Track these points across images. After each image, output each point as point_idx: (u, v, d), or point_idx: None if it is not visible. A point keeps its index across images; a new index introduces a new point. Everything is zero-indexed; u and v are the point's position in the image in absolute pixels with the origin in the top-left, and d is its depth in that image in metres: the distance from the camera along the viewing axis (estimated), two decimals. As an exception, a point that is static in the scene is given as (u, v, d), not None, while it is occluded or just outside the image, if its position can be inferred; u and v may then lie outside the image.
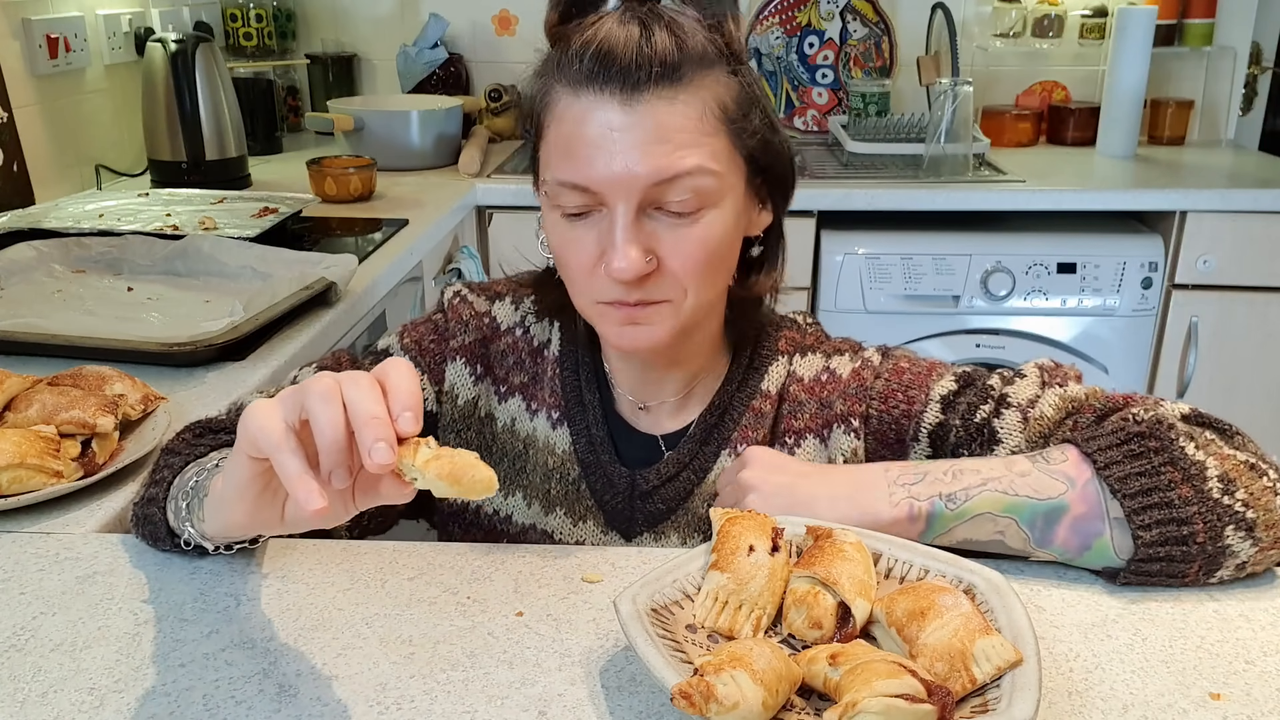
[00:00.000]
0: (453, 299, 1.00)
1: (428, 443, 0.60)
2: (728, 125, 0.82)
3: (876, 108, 2.63)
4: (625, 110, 0.78)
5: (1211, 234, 2.19)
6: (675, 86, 0.79)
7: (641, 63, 0.78)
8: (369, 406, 0.58)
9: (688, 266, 0.82)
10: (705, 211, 0.82)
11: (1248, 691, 0.66)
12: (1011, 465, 0.78)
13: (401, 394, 0.60)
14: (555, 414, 0.96)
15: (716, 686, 0.57)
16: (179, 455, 0.83)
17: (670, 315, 0.85)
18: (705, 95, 0.80)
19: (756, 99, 0.85)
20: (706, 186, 0.80)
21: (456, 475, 0.58)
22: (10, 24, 1.85)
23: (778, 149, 0.88)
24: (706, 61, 0.81)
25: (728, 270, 0.88)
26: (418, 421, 0.59)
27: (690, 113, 0.79)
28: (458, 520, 1.00)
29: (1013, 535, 0.77)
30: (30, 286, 1.46)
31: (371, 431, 0.57)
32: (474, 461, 0.59)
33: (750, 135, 0.84)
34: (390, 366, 0.61)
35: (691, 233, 0.81)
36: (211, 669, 0.68)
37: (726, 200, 0.83)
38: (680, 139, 0.79)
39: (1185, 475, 0.73)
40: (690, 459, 0.94)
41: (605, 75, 0.78)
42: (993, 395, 0.87)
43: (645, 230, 0.81)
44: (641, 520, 0.95)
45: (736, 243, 0.87)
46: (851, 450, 0.91)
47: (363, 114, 2.35)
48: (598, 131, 0.79)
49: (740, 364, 0.95)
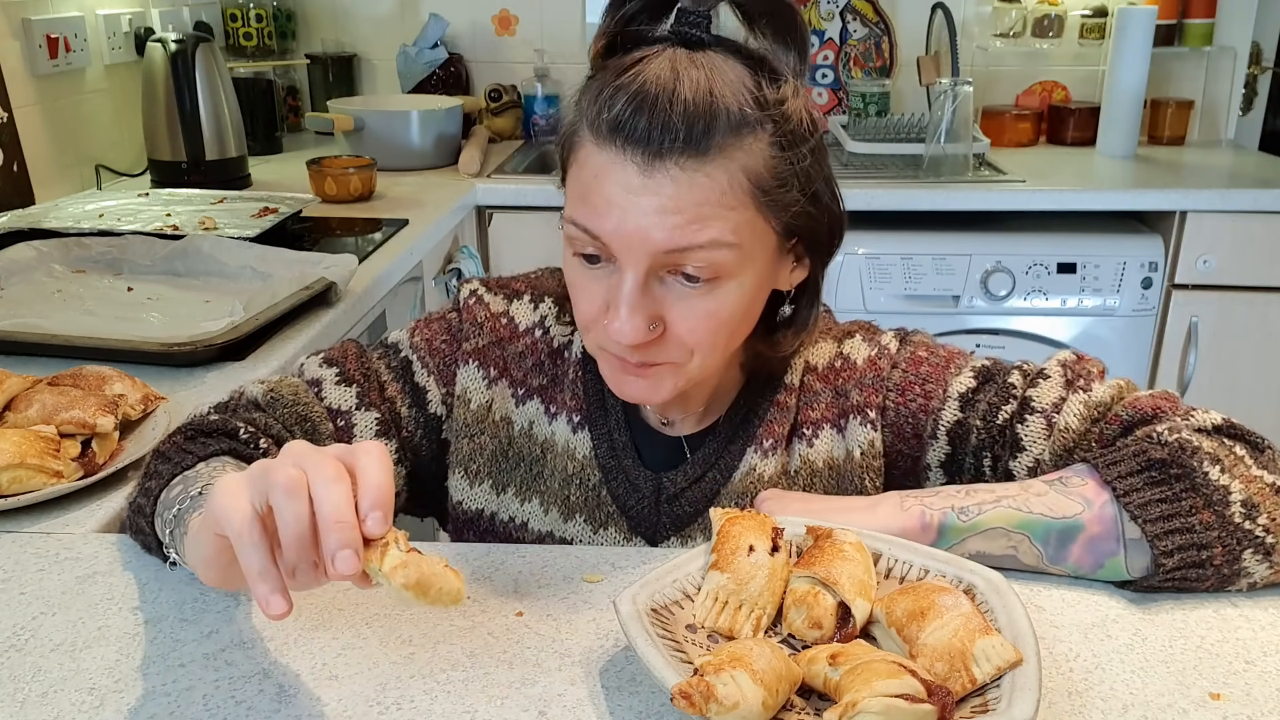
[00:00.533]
0: (468, 298, 0.97)
1: (398, 540, 0.57)
2: (758, 197, 0.76)
3: (876, 108, 2.63)
4: (644, 175, 0.74)
5: (1211, 234, 2.18)
6: (700, 157, 0.73)
7: (667, 128, 0.73)
8: (335, 508, 0.55)
9: (696, 336, 0.79)
10: (721, 282, 0.77)
11: (1248, 691, 0.66)
12: (1028, 487, 0.78)
13: (370, 490, 0.57)
14: (576, 417, 0.94)
15: (716, 686, 0.57)
16: (169, 462, 0.80)
17: (671, 376, 0.82)
18: (734, 167, 0.74)
19: (801, 170, 0.78)
20: (723, 260, 0.76)
21: (424, 585, 0.55)
22: (10, 24, 1.85)
23: (821, 218, 0.82)
24: (743, 126, 0.74)
25: (741, 335, 0.84)
26: (387, 521, 0.56)
27: (714, 186, 0.74)
28: (472, 527, 0.98)
29: (1025, 551, 0.77)
30: (30, 286, 1.46)
31: (335, 537, 0.55)
32: (442, 571, 0.56)
33: (785, 209, 0.78)
34: (362, 453, 0.58)
35: (703, 303, 0.78)
36: (211, 669, 0.68)
37: (747, 272, 0.78)
38: (699, 212, 0.74)
39: (1208, 501, 0.73)
40: (716, 459, 0.93)
41: (628, 136, 0.74)
42: (1015, 395, 0.86)
43: (654, 295, 0.78)
44: (668, 524, 0.93)
45: (755, 308, 0.83)
46: (869, 442, 0.89)
47: (363, 114, 2.35)
48: (615, 190, 0.75)
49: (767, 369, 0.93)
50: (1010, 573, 0.75)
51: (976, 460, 0.88)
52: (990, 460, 0.87)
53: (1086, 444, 0.82)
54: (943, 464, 0.89)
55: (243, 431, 0.83)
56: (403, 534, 0.58)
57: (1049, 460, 0.83)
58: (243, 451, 0.81)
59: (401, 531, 0.58)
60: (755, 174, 0.76)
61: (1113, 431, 0.81)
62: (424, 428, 0.96)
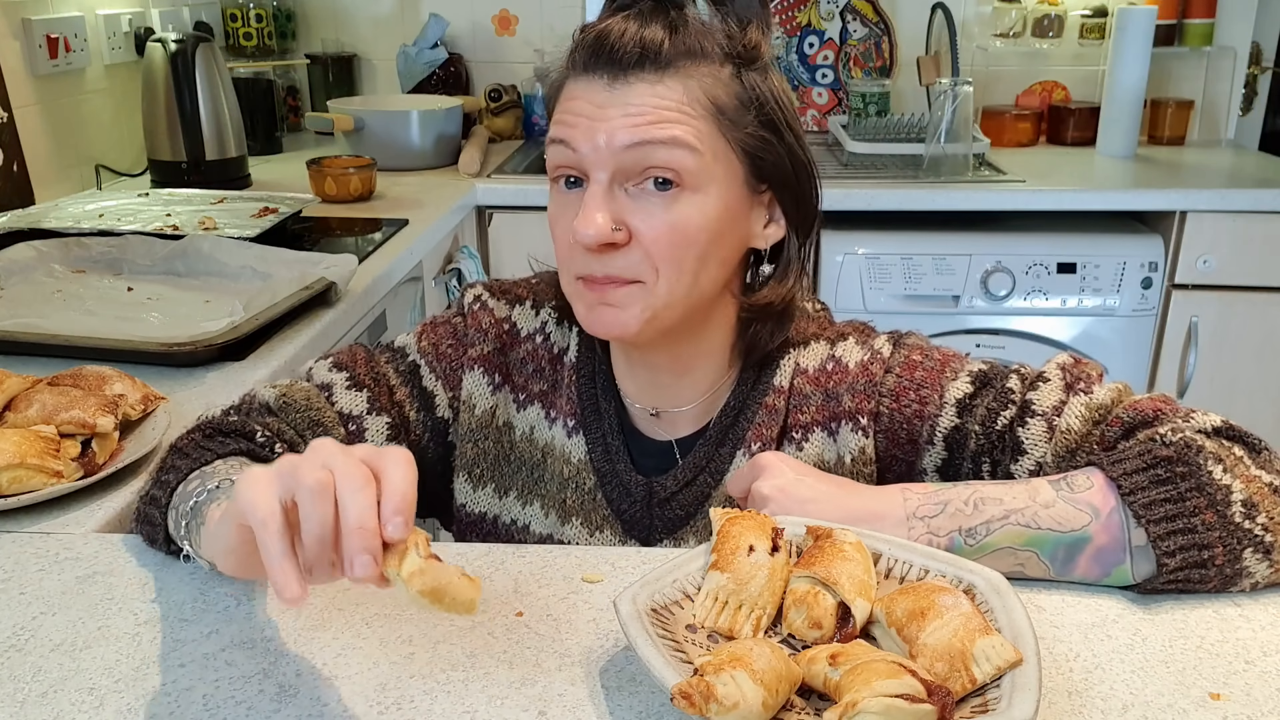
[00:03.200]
0: (473, 304, 0.98)
1: (418, 545, 0.58)
2: (716, 116, 0.82)
3: (876, 108, 2.63)
4: (610, 89, 0.81)
5: (1211, 234, 2.18)
6: (660, 72, 0.81)
7: (630, 49, 0.81)
8: (359, 514, 0.56)
9: (658, 245, 0.82)
10: (682, 192, 0.81)
11: (1248, 691, 0.66)
12: (1035, 494, 0.76)
13: (394, 496, 0.58)
14: (571, 422, 0.95)
15: (716, 686, 0.57)
16: (187, 457, 0.82)
17: (640, 298, 0.83)
18: (692, 84, 0.82)
19: (762, 102, 0.84)
20: (683, 163, 0.81)
21: (438, 594, 0.56)
22: (10, 24, 1.85)
23: (787, 157, 0.86)
24: (703, 56, 0.82)
25: (709, 265, 0.84)
26: (408, 526, 0.57)
27: (673, 94, 0.81)
28: (475, 530, 0.99)
29: (1033, 566, 0.76)
30: (30, 286, 1.46)
31: (357, 542, 0.56)
32: (456, 580, 0.57)
33: (746, 131, 0.84)
34: (390, 459, 0.59)
35: (664, 209, 0.81)
36: (211, 669, 0.68)
37: (710, 189, 0.82)
38: (660, 114, 0.80)
39: (1210, 501, 0.72)
40: (707, 462, 0.93)
41: (597, 59, 0.82)
42: (1014, 400, 0.85)
43: (619, 203, 0.82)
44: (661, 528, 0.94)
45: (724, 241, 0.85)
46: (860, 449, 0.89)
47: (363, 114, 2.35)
48: (585, 106, 0.82)
49: (754, 361, 0.93)
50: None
51: (975, 466, 0.87)
52: (990, 465, 0.86)
53: (1088, 446, 0.82)
54: (939, 469, 0.89)
55: (259, 434, 0.85)
56: (424, 537, 0.59)
57: (1051, 463, 0.83)
58: (259, 454, 0.83)
59: (423, 534, 0.59)
60: (714, 95, 0.83)
61: (1114, 433, 0.81)
62: (431, 431, 0.96)
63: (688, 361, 0.92)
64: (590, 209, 0.81)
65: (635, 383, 0.95)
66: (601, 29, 0.82)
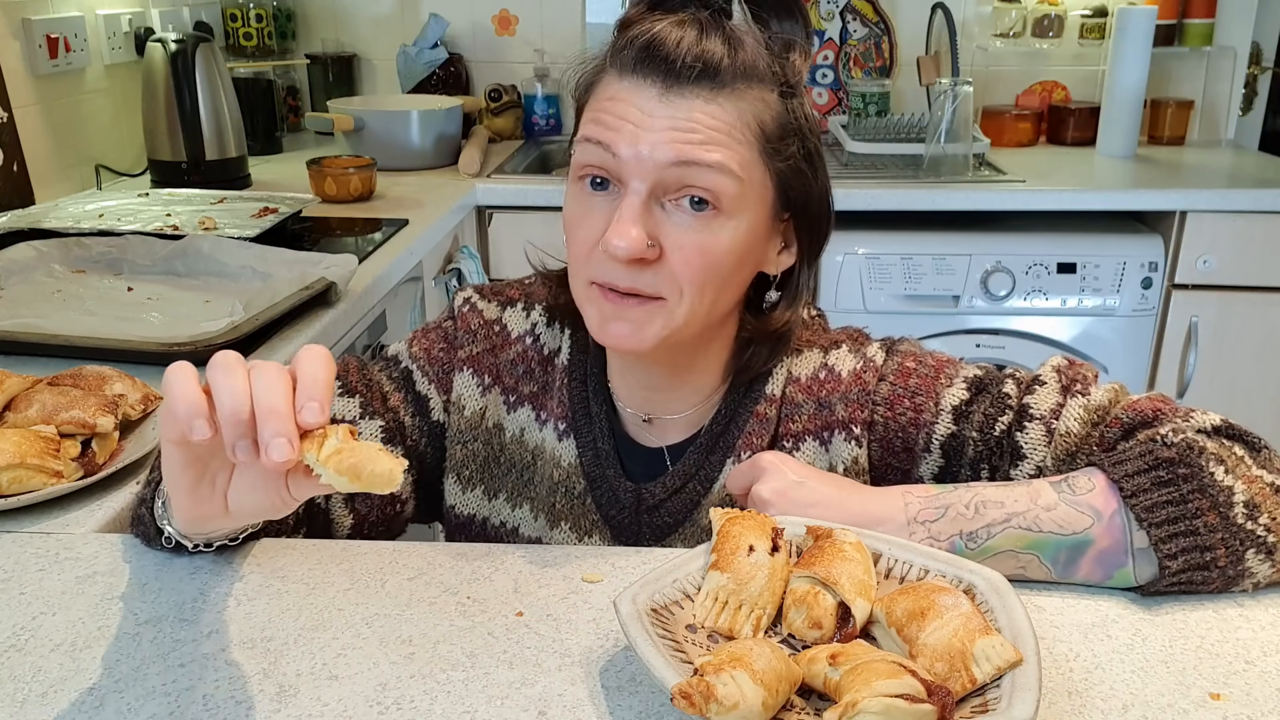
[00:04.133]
0: (462, 306, 0.98)
1: (338, 433, 0.58)
2: (762, 142, 0.81)
3: (876, 108, 2.63)
4: (662, 100, 0.79)
5: (1211, 234, 2.18)
6: (716, 90, 0.79)
7: (688, 59, 0.78)
8: (270, 398, 0.57)
9: (689, 265, 0.80)
10: (719, 217, 0.80)
11: (1248, 691, 0.66)
12: (1036, 497, 0.76)
13: (308, 383, 0.58)
14: (562, 425, 0.94)
15: (716, 686, 0.57)
16: None
17: (660, 317, 0.82)
18: (744, 107, 0.80)
19: (800, 131, 0.83)
20: (725, 188, 0.79)
21: (357, 470, 0.57)
22: (10, 24, 1.85)
23: (813, 187, 0.86)
24: (754, 76, 0.80)
25: (728, 289, 0.84)
26: (324, 411, 0.58)
27: (726, 116, 0.79)
28: (465, 532, 0.99)
29: (1034, 569, 0.76)
30: (30, 286, 1.46)
31: (270, 426, 0.56)
32: (374, 454, 0.57)
33: (784, 160, 0.82)
34: (303, 354, 0.60)
35: (699, 234, 0.80)
36: (211, 669, 0.68)
37: (743, 216, 0.81)
38: (711, 135, 0.78)
39: (1213, 503, 0.72)
40: (696, 470, 0.92)
41: (650, 64, 0.79)
42: (1010, 405, 0.85)
43: (654, 217, 0.80)
44: (649, 534, 0.93)
45: (745, 267, 0.84)
46: (853, 458, 0.89)
47: (363, 114, 2.35)
48: (632, 111, 0.79)
49: (749, 370, 0.92)
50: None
51: (974, 472, 0.86)
52: (989, 471, 0.86)
53: (1088, 448, 0.81)
54: (936, 476, 0.88)
55: None
56: (344, 427, 0.59)
57: (1051, 466, 0.82)
58: None
59: (345, 425, 0.59)
60: (762, 120, 0.81)
61: (1113, 434, 0.81)
62: (428, 435, 0.96)
63: (683, 373, 0.91)
64: (626, 221, 0.78)
65: (628, 388, 0.94)
66: (657, 32, 0.79)
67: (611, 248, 0.78)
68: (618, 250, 0.78)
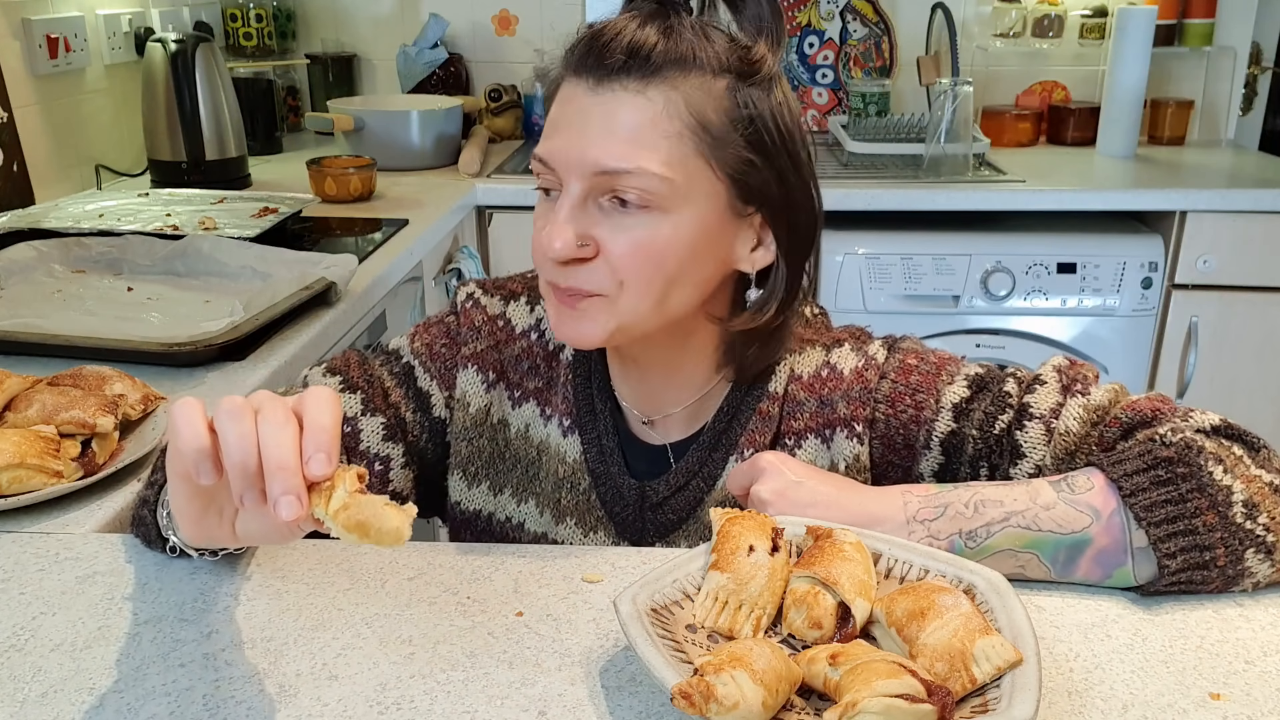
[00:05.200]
0: (465, 301, 0.98)
1: (346, 481, 0.57)
2: (699, 134, 0.79)
3: (876, 108, 2.63)
4: (592, 95, 0.79)
5: (1211, 234, 2.18)
6: (645, 80, 0.78)
7: (618, 51, 0.78)
8: (279, 453, 0.56)
9: (624, 263, 0.80)
10: (653, 212, 0.79)
11: (1248, 691, 0.66)
12: (1036, 496, 0.76)
13: (315, 432, 0.57)
14: (566, 421, 0.95)
15: (716, 686, 0.57)
16: None
17: (603, 311, 0.82)
18: (676, 96, 0.78)
19: (757, 121, 0.80)
20: (652, 188, 0.78)
21: (365, 526, 0.56)
22: (10, 24, 1.85)
23: (777, 181, 0.82)
24: (696, 66, 0.79)
25: (681, 285, 0.82)
26: (331, 462, 0.57)
27: (652, 109, 0.78)
28: (470, 527, 0.99)
29: (1034, 568, 0.76)
30: (30, 286, 1.46)
31: (279, 483, 0.56)
32: (381, 511, 0.57)
33: (729, 152, 0.80)
34: (310, 399, 0.59)
35: (633, 230, 0.80)
36: (211, 669, 0.68)
37: (684, 209, 0.80)
38: (636, 135, 0.78)
39: (1212, 502, 0.72)
40: (700, 467, 0.92)
41: (585, 61, 0.80)
42: (1011, 404, 0.85)
43: (590, 216, 0.80)
44: (653, 531, 0.94)
45: (699, 263, 0.82)
46: (854, 455, 0.88)
47: (363, 114, 2.35)
48: (569, 111, 0.81)
49: (745, 369, 0.92)
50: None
51: (973, 470, 0.86)
52: (988, 469, 0.86)
53: (1087, 447, 0.81)
54: (936, 474, 0.88)
55: None
56: (353, 472, 0.58)
57: (1050, 465, 0.82)
58: None
59: (353, 469, 0.59)
60: (699, 111, 0.79)
61: (1113, 434, 0.81)
62: (429, 431, 0.96)
63: (674, 365, 0.91)
64: (558, 223, 0.80)
65: (628, 385, 0.94)
66: (598, 28, 0.80)
67: (545, 249, 0.80)
68: (551, 252, 0.80)
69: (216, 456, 0.58)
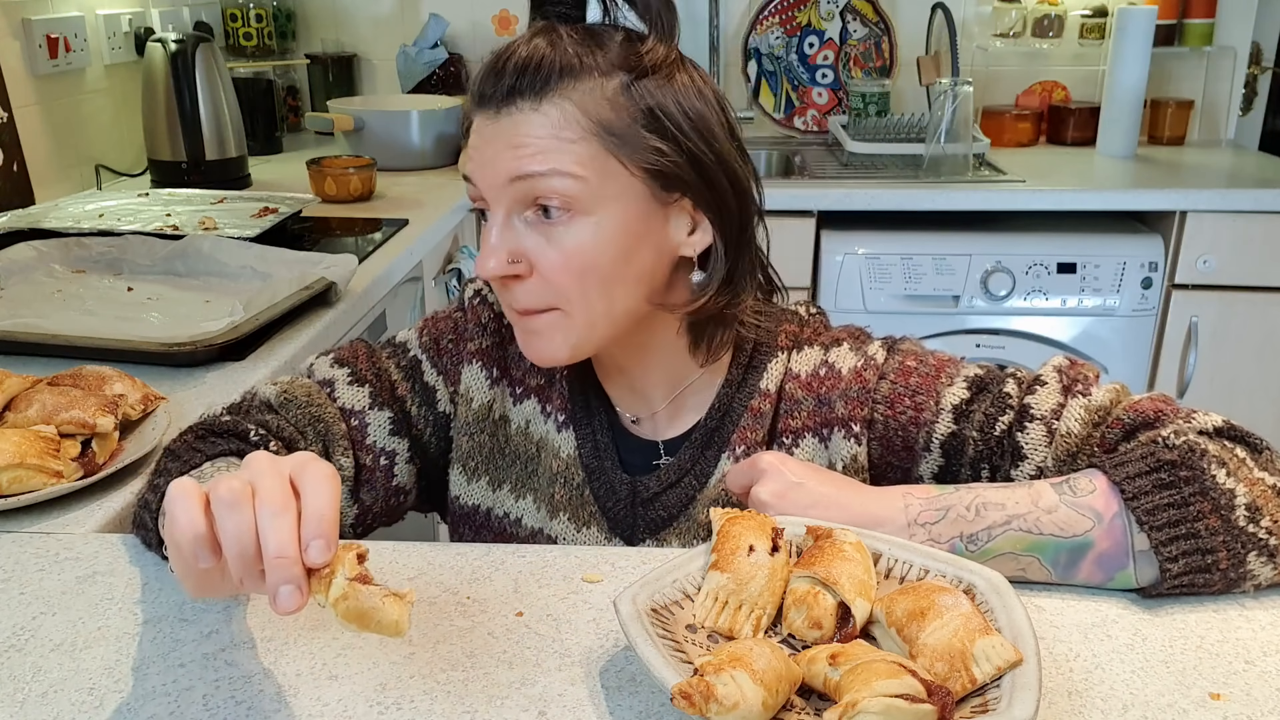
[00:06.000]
0: (472, 299, 0.99)
1: (346, 564, 0.57)
2: (603, 134, 0.80)
3: (876, 108, 2.63)
4: (493, 121, 0.82)
5: (1211, 234, 2.19)
6: (538, 97, 0.80)
7: (505, 78, 0.80)
8: (278, 542, 0.56)
9: (555, 274, 0.82)
10: (575, 218, 0.81)
11: (1248, 691, 0.66)
12: (1037, 498, 0.75)
13: (312, 519, 0.57)
14: (562, 417, 0.95)
15: (716, 686, 0.57)
16: (178, 460, 0.82)
17: (560, 325, 0.84)
18: (569, 105, 0.80)
19: (656, 112, 0.81)
20: (569, 190, 0.80)
21: (364, 618, 0.56)
22: (10, 24, 1.85)
23: (691, 164, 0.82)
24: (582, 71, 0.80)
25: (622, 283, 0.83)
26: (329, 549, 0.56)
27: (548, 121, 0.80)
28: (468, 522, 1.00)
29: (1035, 571, 0.76)
30: (30, 286, 1.46)
31: (278, 574, 0.55)
32: (380, 603, 0.56)
33: (639, 145, 0.81)
34: (309, 477, 0.58)
35: (557, 238, 0.81)
36: (211, 669, 0.68)
37: (604, 209, 0.81)
38: (539, 144, 0.80)
39: (1215, 506, 0.72)
40: (692, 465, 0.92)
41: (483, 94, 0.82)
42: (1011, 405, 0.84)
43: (518, 233, 0.82)
44: (644, 527, 0.94)
45: (635, 257, 0.83)
46: (851, 456, 0.88)
47: (363, 114, 2.35)
48: (477, 140, 0.83)
49: (740, 363, 0.92)
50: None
51: (974, 472, 0.86)
52: (989, 471, 0.86)
53: (1089, 449, 0.81)
54: (936, 476, 0.88)
55: (253, 434, 0.85)
56: (353, 552, 0.58)
57: (1052, 466, 0.82)
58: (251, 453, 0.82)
59: (354, 547, 0.58)
60: (597, 114, 0.80)
61: (1115, 435, 0.81)
62: (433, 426, 0.97)
63: (647, 361, 0.92)
64: (488, 245, 0.82)
65: (611, 384, 0.96)
66: (491, 57, 0.83)
67: (479, 271, 0.83)
68: (484, 272, 0.82)
69: (214, 541, 0.57)
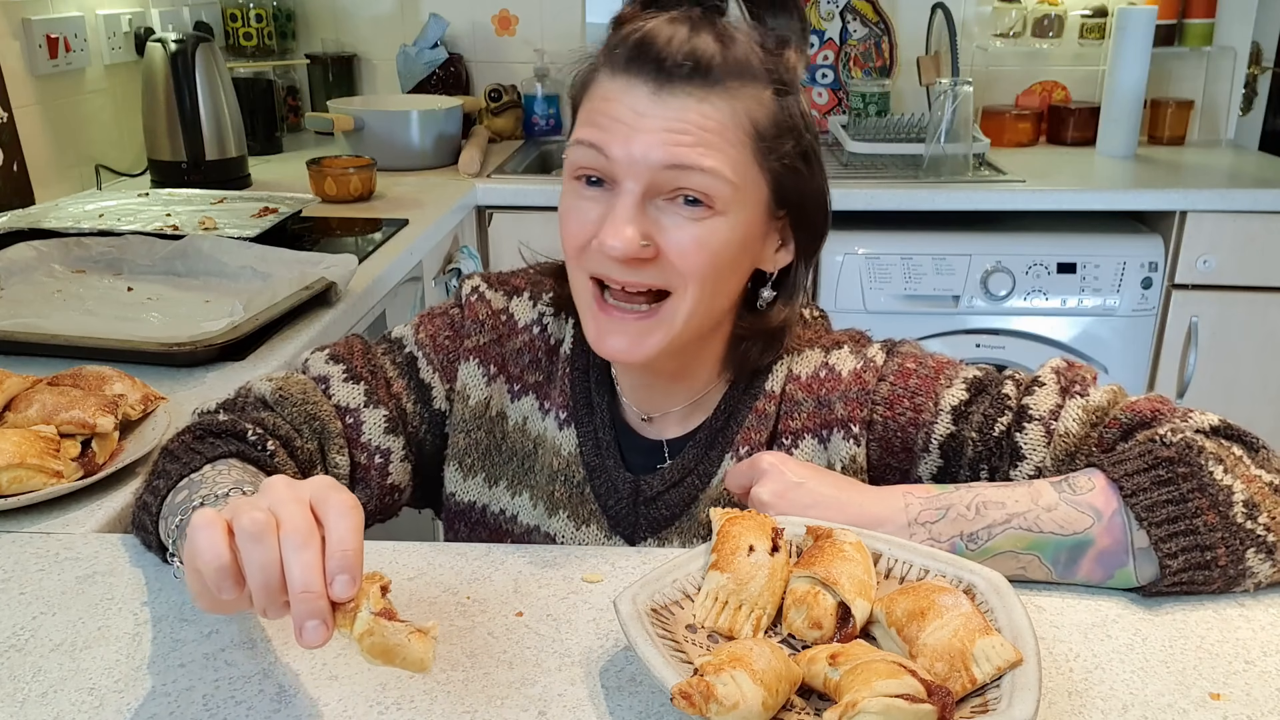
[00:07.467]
0: (470, 295, 0.99)
1: (371, 597, 0.57)
2: (755, 141, 0.81)
3: (876, 108, 2.63)
4: (654, 99, 0.79)
5: (1211, 234, 2.18)
6: (707, 88, 0.79)
7: (678, 57, 0.78)
8: (303, 577, 0.56)
9: (686, 261, 0.81)
10: (713, 214, 0.80)
11: (1248, 691, 0.66)
12: (1037, 497, 0.76)
13: (336, 554, 0.57)
14: (563, 414, 0.95)
15: (716, 686, 0.57)
16: (177, 461, 0.81)
17: (660, 328, 0.83)
18: (737, 105, 0.80)
19: (796, 129, 0.83)
20: (718, 190, 0.79)
21: (389, 654, 0.56)
22: (10, 24, 1.85)
23: (809, 186, 0.86)
24: (747, 74, 0.80)
25: (726, 285, 0.85)
26: (355, 584, 0.57)
27: (718, 116, 0.79)
28: (464, 519, 1.00)
29: (1035, 569, 0.76)
30: (30, 286, 1.46)
31: (304, 608, 0.55)
32: (405, 640, 0.56)
33: (778, 159, 0.83)
34: (333, 508, 0.58)
35: (694, 229, 0.80)
36: (211, 669, 0.68)
37: (737, 215, 0.81)
38: (704, 136, 0.79)
39: (1213, 502, 0.72)
40: (695, 464, 0.92)
41: (641, 63, 0.79)
42: (1010, 406, 0.85)
43: (649, 216, 0.80)
44: (645, 526, 0.94)
45: (740, 264, 0.85)
46: (851, 457, 0.89)
47: (363, 114, 2.35)
48: (624, 111, 0.80)
49: (745, 366, 0.93)
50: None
51: (973, 472, 0.86)
52: (988, 471, 0.86)
53: (1087, 448, 0.81)
54: (935, 477, 0.88)
55: (250, 433, 0.84)
56: (377, 585, 0.58)
57: (1051, 467, 0.82)
58: (250, 454, 0.82)
59: (378, 578, 0.58)
60: (755, 119, 0.81)
61: (1112, 435, 0.81)
62: (428, 423, 0.97)
63: (681, 371, 0.92)
64: (620, 221, 0.79)
65: (629, 382, 0.95)
66: (648, 30, 0.80)
67: (606, 248, 0.79)
68: (612, 250, 0.79)
69: (238, 572, 0.57)
